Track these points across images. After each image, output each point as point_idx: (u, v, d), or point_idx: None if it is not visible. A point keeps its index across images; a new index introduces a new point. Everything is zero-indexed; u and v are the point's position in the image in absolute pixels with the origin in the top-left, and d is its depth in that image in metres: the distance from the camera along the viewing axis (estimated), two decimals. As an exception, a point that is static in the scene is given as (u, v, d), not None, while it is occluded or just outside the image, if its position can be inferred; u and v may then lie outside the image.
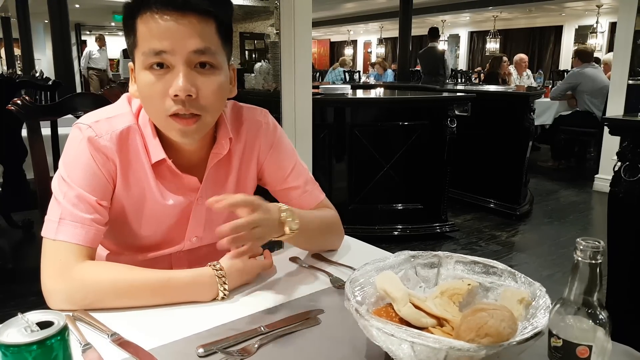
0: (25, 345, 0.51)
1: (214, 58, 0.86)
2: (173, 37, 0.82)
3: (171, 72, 0.84)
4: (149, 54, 0.83)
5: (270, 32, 3.54)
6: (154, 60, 0.84)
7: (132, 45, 0.87)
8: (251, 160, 1.04)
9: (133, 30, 0.86)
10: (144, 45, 0.84)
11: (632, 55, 4.36)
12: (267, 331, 0.75)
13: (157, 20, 0.82)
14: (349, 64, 11.20)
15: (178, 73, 0.83)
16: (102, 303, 0.82)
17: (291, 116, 2.91)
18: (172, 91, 0.83)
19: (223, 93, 0.90)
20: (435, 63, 6.76)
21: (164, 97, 0.84)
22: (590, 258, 0.56)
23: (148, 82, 0.85)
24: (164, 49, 0.82)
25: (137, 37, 0.85)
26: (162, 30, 0.82)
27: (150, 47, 0.83)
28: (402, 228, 3.45)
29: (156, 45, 0.83)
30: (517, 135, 3.93)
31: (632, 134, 1.86)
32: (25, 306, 0.58)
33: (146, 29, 0.83)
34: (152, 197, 0.94)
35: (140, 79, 0.86)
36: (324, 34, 18.81)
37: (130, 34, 0.87)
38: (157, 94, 0.85)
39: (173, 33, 0.82)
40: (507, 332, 0.57)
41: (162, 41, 0.82)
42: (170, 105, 0.84)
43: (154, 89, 0.85)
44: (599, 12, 10.81)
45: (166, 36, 0.82)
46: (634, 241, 1.85)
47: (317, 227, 1.03)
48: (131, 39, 0.87)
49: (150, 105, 0.88)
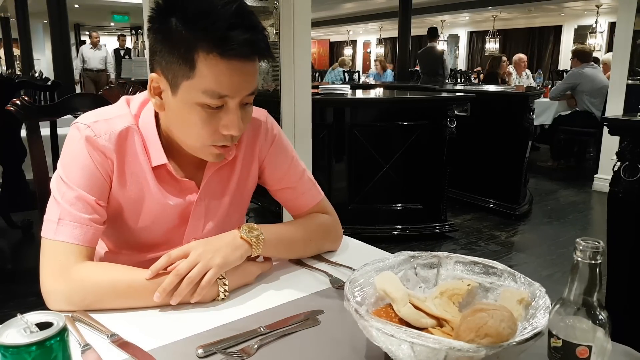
0: (24, 346, 0.51)
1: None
2: (239, 84, 0.84)
3: (224, 111, 0.85)
4: (210, 96, 0.82)
5: (270, 32, 3.54)
6: (215, 103, 0.83)
7: (184, 76, 0.82)
8: (252, 161, 1.04)
9: (190, 62, 0.81)
10: (203, 84, 0.81)
11: (632, 55, 4.36)
12: (267, 332, 0.75)
13: (226, 65, 0.81)
14: (348, 64, 11.20)
15: (234, 113, 0.85)
16: (101, 304, 0.82)
17: (291, 116, 2.91)
18: (229, 131, 0.86)
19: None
20: (434, 63, 6.76)
21: (214, 133, 0.86)
22: (589, 258, 0.56)
23: (201, 118, 0.85)
24: (227, 94, 0.83)
25: (194, 72, 0.81)
26: (231, 77, 0.82)
27: (213, 90, 0.82)
28: (401, 228, 3.46)
29: (220, 89, 0.82)
30: (516, 135, 3.94)
31: (631, 134, 1.86)
32: (24, 307, 0.58)
33: (210, 71, 0.81)
34: (151, 197, 0.94)
35: (187, 110, 0.85)
36: (324, 34, 18.82)
37: (184, 63, 0.81)
38: (209, 129, 0.86)
39: (238, 80, 0.83)
40: (506, 333, 0.57)
41: (228, 88, 0.83)
42: (219, 139, 0.87)
43: (205, 124, 0.85)
44: (598, 12, 10.82)
45: (232, 82, 0.82)
46: (633, 241, 1.85)
47: (295, 238, 1.02)
48: (184, 69, 0.82)
49: (193, 136, 0.88)
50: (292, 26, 2.83)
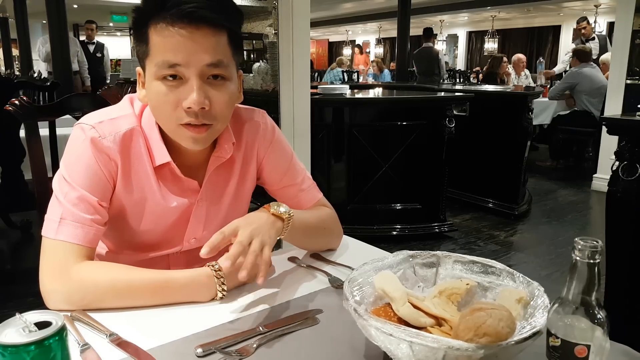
0: (23, 346, 0.51)
1: (226, 70, 0.87)
2: (187, 50, 0.83)
3: (184, 84, 0.85)
4: (162, 65, 0.84)
5: (269, 32, 3.54)
6: (167, 73, 0.84)
7: (144, 53, 0.87)
8: (251, 161, 1.05)
9: (145, 39, 0.85)
10: (157, 56, 0.84)
11: (630, 55, 4.36)
12: (266, 331, 0.75)
13: (172, 32, 0.82)
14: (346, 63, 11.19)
15: (191, 86, 0.84)
16: (100, 303, 0.82)
17: (290, 116, 2.91)
18: (186, 104, 0.84)
19: (233, 102, 0.92)
20: (430, 63, 6.78)
21: (176, 108, 0.85)
22: (588, 258, 0.56)
23: (160, 93, 0.85)
24: (178, 62, 0.83)
25: (149, 47, 0.85)
26: (177, 42, 0.82)
27: (165, 60, 0.83)
28: (400, 228, 3.46)
29: (170, 57, 0.83)
30: (515, 135, 3.94)
31: (630, 134, 1.87)
32: (23, 307, 0.58)
33: (160, 40, 0.83)
34: (153, 199, 0.94)
35: (152, 88, 0.87)
36: (323, 34, 18.81)
37: (142, 42, 0.87)
38: (170, 104, 0.85)
39: (187, 46, 0.83)
40: (505, 332, 0.57)
41: (176, 54, 0.83)
42: (183, 116, 0.85)
43: (166, 100, 0.85)
44: (597, 12, 10.82)
45: (181, 49, 0.82)
46: (632, 240, 1.85)
47: (314, 223, 1.03)
48: (143, 47, 0.87)
49: (161, 114, 0.88)
50: (291, 26, 2.83)
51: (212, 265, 0.87)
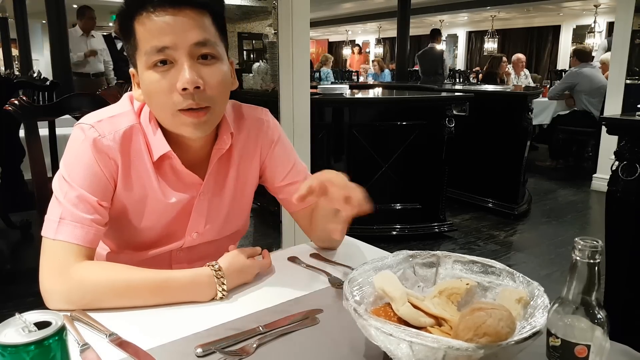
0: (22, 346, 0.51)
1: (215, 49, 0.87)
2: (173, 31, 0.83)
3: (175, 67, 0.85)
4: (151, 52, 0.84)
5: (268, 32, 3.54)
6: (157, 58, 0.84)
7: (133, 48, 0.88)
8: (253, 158, 1.05)
9: (132, 34, 0.86)
10: (144, 45, 0.85)
11: (630, 55, 4.37)
12: (266, 331, 0.75)
13: (154, 19, 0.83)
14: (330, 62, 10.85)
15: (182, 66, 0.84)
16: (100, 303, 0.82)
17: (289, 116, 2.90)
18: (180, 85, 0.83)
19: (227, 83, 0.91)
20: (434, 63, 6.80)
21: (172, 93, 0.85)
22: (588, 257, 0.56)
23: (153, 81, 0.85)
24: (165, 44, 0.83)
25: (136, 39, 0.86)
26: (161, 27, 0.83)
27: (152, 45, 0.84)
28: (400, 228, 3.46)
29: (157, 42, 0.83)
30: (515, 135, 3.94)
31: (629, 133, 1.87)
32: (23, 307, 0.58)
33: (144, 29, 0.84)
34: (154, 196, 0.94)
35: (145, 79, 0.87)
36: (322, 34, 18.80)
37: (129, 38, 0.87)
38: (164, 90, 0.85)
39: (172, 28, 0.83)
40: (505, 332, 0.57)
41: (162, 37, 0.83)
42: (180, 100, 0.85)
43: (160, 86, 0.85)
44: (596, 12, 10.83)
45: (166, 32, 0.83)
46: (632, 240, 1.85)
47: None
48: (131, 42, 0.87)
49: (158, 104, 0.88)
50: (290, 26, 2.82)
51: (212, 265, 0.87)
